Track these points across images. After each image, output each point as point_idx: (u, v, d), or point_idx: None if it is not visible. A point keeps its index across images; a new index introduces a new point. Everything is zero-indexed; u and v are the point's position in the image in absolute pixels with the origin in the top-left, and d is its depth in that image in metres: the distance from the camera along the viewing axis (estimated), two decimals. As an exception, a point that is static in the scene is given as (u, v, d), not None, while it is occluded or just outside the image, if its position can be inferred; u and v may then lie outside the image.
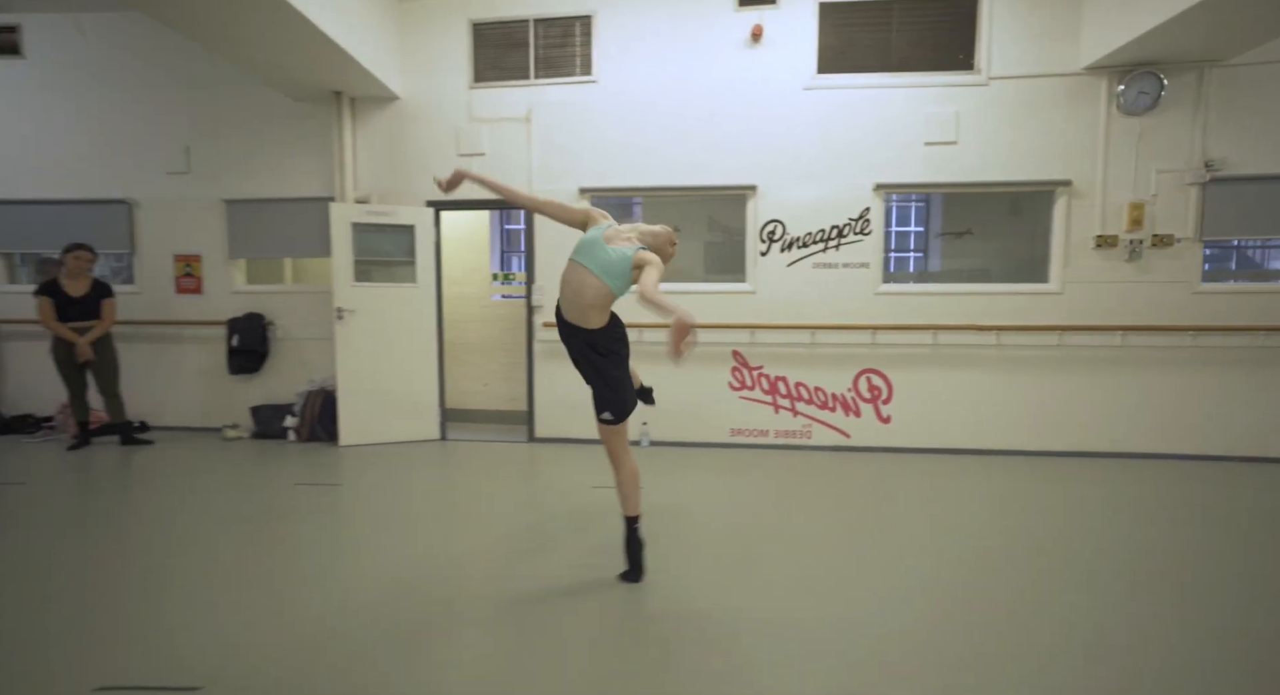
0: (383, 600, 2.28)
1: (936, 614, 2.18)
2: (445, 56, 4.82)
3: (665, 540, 2.82)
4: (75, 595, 2.32)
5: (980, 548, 2.78)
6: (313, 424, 4.95)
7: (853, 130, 4.53)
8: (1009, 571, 2.54)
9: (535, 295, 4.88)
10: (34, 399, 5.44)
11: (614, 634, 2.10)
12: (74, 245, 4.66)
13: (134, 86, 5.16)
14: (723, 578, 2.53)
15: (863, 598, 2.32)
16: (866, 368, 4.69)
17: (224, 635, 2.02)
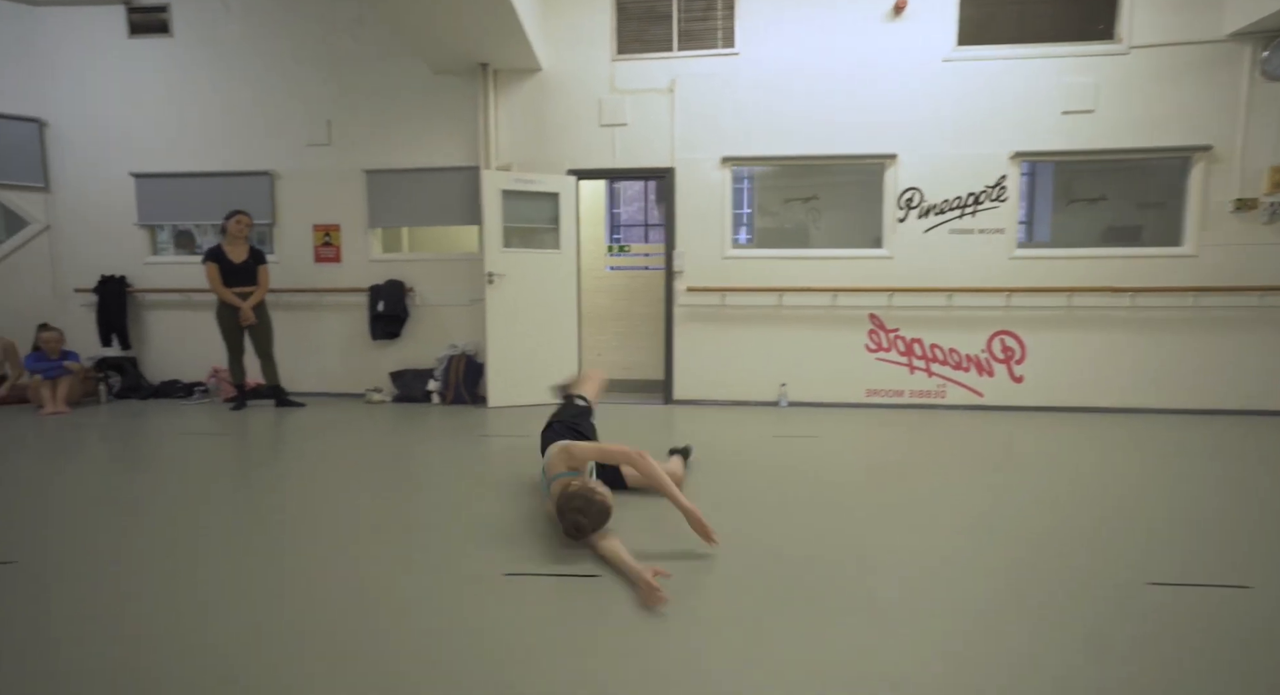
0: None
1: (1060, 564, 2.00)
2: (589, 29, 4.98)
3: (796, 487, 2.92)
4: (368, 514, 2.50)
5: (1111, 502, 2.65)
6: (456, 387, 5.12)
7: (990, 100, 4.69)
8: (1138, 524, 2.36)
9: (676, 261, 5.05)
10: (175, 365, 5.63)
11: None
12: (235, 211, 4.83)
13: (277, 62, 5.33)
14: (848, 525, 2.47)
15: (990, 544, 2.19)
16: (1000, 329, 4.85)
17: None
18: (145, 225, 5.61)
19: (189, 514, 2.44)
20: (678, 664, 1.44)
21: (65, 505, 2.54)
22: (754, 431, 4.05)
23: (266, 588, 1.81)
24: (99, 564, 1.96)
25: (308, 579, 1.86)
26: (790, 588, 1.82)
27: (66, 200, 5.58)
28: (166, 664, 1.43)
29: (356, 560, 2.00)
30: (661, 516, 2.36)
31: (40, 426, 4.25)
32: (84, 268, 5.60)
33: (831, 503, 2.60)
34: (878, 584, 1.84)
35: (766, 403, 5.07)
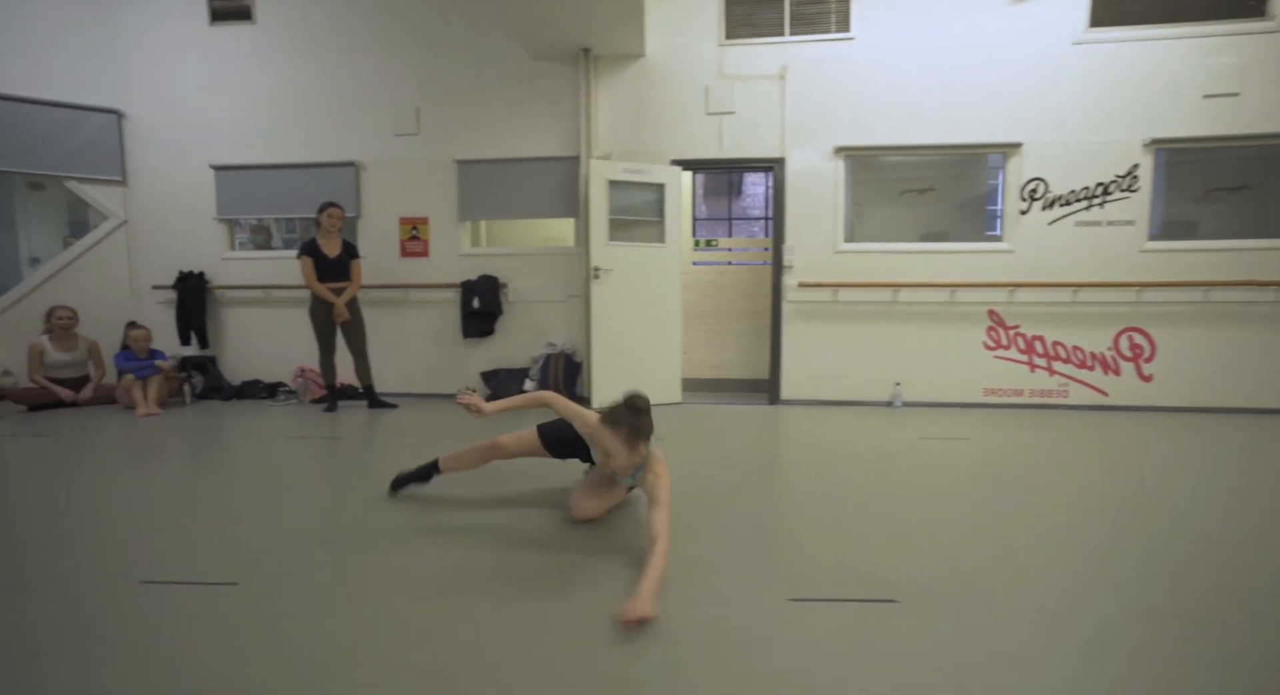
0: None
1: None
2: (695, 12, 4.77)
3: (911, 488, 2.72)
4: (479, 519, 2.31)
5: (1247, 508, 2.46)
6: (556, 388, 4.93)
7: (1123, 85, 4.46)
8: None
9: (786, 256, 4.84)
10: (253, 365, 5.45)
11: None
12: (328, 203, 4.64)
13: (363, 49, 5.13)
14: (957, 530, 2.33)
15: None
16: (1128, 326, 4.64)
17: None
18: (224, 219, 5.42)
19: (353, 523, 2.25)
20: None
21: (240, 518, 2.35)
22: (893, 433, 3.85)
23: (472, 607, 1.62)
24: (314, 584, 1.77)
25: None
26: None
27: (144, 194, 5.41)
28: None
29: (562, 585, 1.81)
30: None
31: (139, 429, 4.07)
32: (161, 264, 5.42)
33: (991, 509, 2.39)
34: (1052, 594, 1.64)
35: (879, 403, 4.87)
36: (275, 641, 1.45)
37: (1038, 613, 1.59)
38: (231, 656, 1.38)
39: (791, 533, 2.21)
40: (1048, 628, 1.51)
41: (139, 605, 1.62)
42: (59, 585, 1.75)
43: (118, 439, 3.80)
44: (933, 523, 2.25)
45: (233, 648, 1.42)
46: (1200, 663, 1.36)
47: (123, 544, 2.07)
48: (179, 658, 1.38)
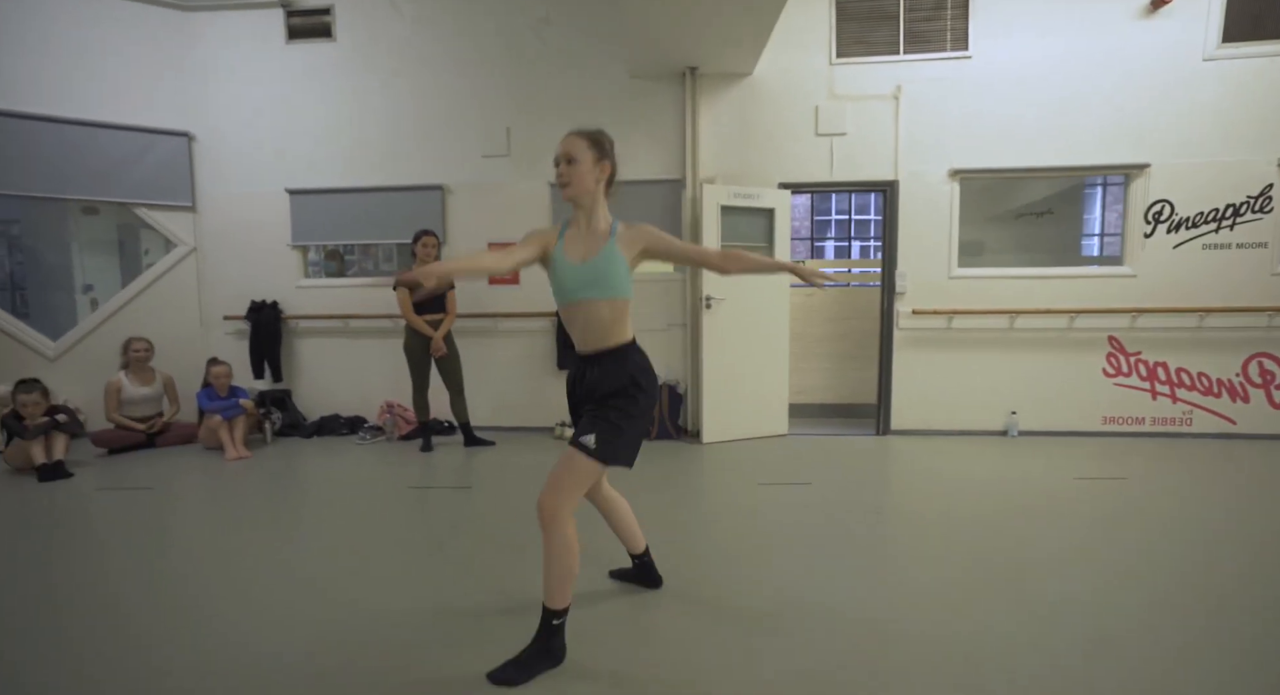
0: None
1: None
2: (804, 30, 4.58)
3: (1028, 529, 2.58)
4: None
5: None
6: (661, 422, 4.72)
7: (1257, 102, 4.32)
8: None
9: (898, 282, 4.66)
10: (329, 399, 5.21)
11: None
12: (422, 231, 4.41)
13: (450, 67, 4.90)
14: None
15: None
16: (1259, 352, 4.49)
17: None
18: (299, 246, 5.17)
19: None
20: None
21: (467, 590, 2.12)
22: (1034, 468, 3.67)
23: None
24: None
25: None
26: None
27: (214, 220, 5.15)
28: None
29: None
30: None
31: (239, 473, 3.84)
32: (231, 293, 5.17)
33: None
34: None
35: (994, 432, 4.70)
36: None
37: None
38: None
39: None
40: None
41: None
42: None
43: (228, 488, 3.56)
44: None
45: None
46: None
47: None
48: None
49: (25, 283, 5.88)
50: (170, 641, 1.88)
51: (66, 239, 5.65)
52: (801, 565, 2.42)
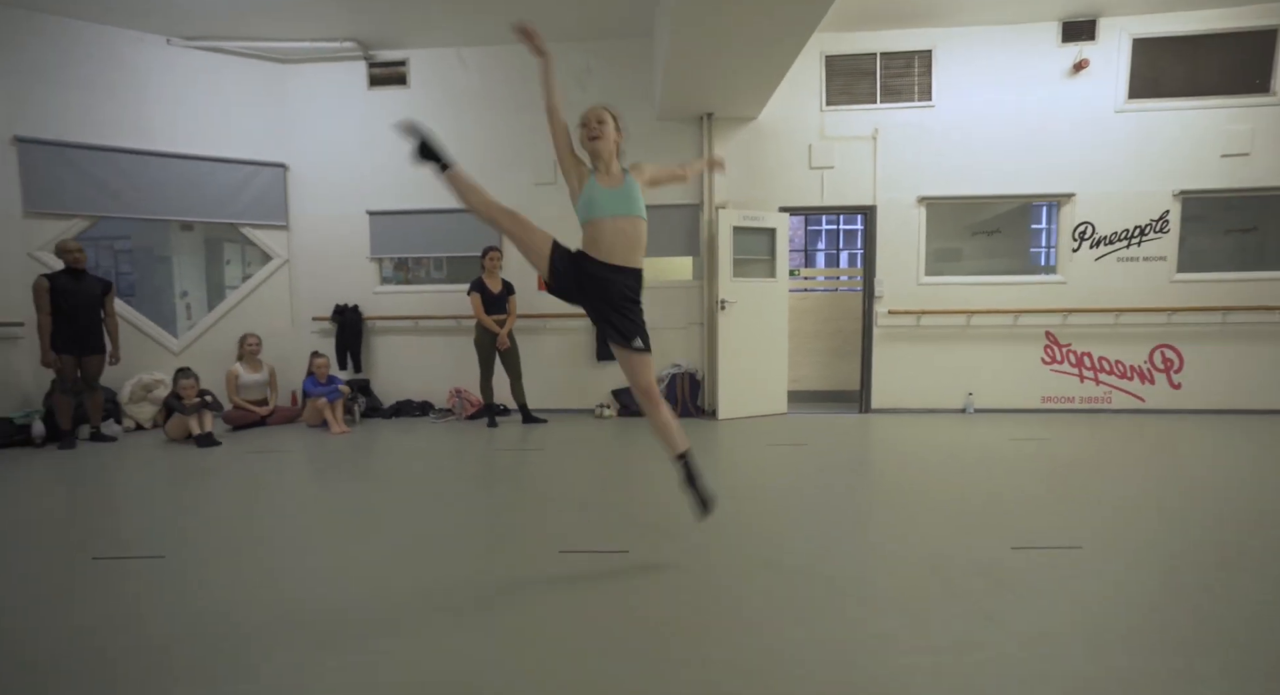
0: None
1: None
2: (800, 83, 5.62)
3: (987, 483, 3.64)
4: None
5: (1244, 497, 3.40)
6: (684, 402, 5.75)
7: (1157, 145, 5.44)
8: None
9: (877, 288, 5.72)
10: (401, 387, 6.17)
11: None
12: (489, 247, 5.41)
13: (507, 110, 5.90)
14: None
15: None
16: (1161, 343, 5.60)
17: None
18: (375, 258, 6.14)
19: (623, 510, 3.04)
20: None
21: (582, 504, 3.12)
22: (982, 435, 4.74)
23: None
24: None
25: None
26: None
27: (304, 236, 6.10)
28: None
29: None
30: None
31: (346, 444, 4.79)
32: (318, 298, 6.12)
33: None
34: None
35: (954, 410, 5.78)
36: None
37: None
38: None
39: (964, 503, 3.06)
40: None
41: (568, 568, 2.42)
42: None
43: (341, 452, 4.53)
44: (1055, 496, 3.13)
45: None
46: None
47: (540, 524, 2.85)
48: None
49: (134, 289, 6.77)
50: (309, 566, 2.88)
51: (168, 253, 6.57)
52: (799, 498, 3.45)
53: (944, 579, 2.23)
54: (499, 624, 1.97)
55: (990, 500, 3.17)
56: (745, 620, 1.98)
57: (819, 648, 1.79)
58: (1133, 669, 1.66)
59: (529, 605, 2.10)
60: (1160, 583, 2.24)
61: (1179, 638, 1.82)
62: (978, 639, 1.82)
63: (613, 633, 1.91)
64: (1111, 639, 1.82)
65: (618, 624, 1.96)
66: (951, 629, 1.88)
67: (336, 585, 2.27)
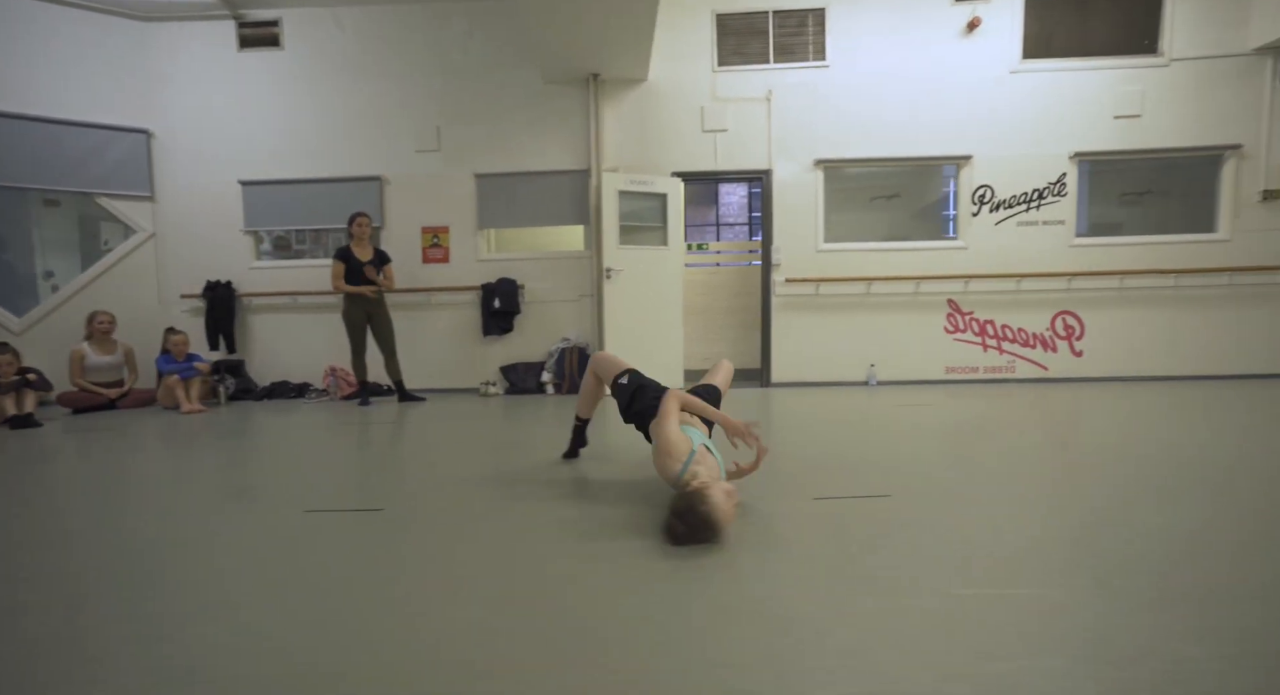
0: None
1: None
2: (692, 43, 5.41)
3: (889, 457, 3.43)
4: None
5: (1151, 459, 3.12)
6: (572, 378, 5.45)
7: (1052, 106, 5.31)
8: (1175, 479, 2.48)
9: (774, 255, 5.50)
10: (280, 367, 5.79)
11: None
12: (357, 213, 5.06)
13: (387, 74, 5.59)
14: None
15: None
16: (1062, 310, 5.46)
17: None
18: (250, 231, 5.76)
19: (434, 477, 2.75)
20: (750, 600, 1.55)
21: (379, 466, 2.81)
22: (871, 404, 4.53)
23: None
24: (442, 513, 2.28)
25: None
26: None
27: (172, 209, 5.71)
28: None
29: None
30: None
31: (191, 424, 4.40)
32: (189, 273, 5.72)
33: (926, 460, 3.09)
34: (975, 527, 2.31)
35: (857, 382, 5.57)
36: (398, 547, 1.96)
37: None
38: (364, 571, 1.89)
39: (811, 464, 2.81)
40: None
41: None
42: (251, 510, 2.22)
43: (179, 432, 4.15)
44: (911, 452, 2.89)
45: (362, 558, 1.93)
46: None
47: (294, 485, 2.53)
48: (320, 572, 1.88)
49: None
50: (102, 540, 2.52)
51: (28, 227, 6.10)
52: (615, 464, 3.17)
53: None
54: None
55: (823, 458, 2.92)
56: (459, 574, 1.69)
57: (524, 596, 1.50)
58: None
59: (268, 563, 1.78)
60: (940, 520, 2.00)
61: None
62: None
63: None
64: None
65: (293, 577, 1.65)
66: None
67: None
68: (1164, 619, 1.33)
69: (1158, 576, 1.54)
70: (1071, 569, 1.60)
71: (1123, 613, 1.36)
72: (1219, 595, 1.43)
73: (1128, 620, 1.32)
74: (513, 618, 1.40)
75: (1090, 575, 1.55)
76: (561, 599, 1.49)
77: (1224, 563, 1.62)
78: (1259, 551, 1.69)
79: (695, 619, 1.37)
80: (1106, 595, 1.44)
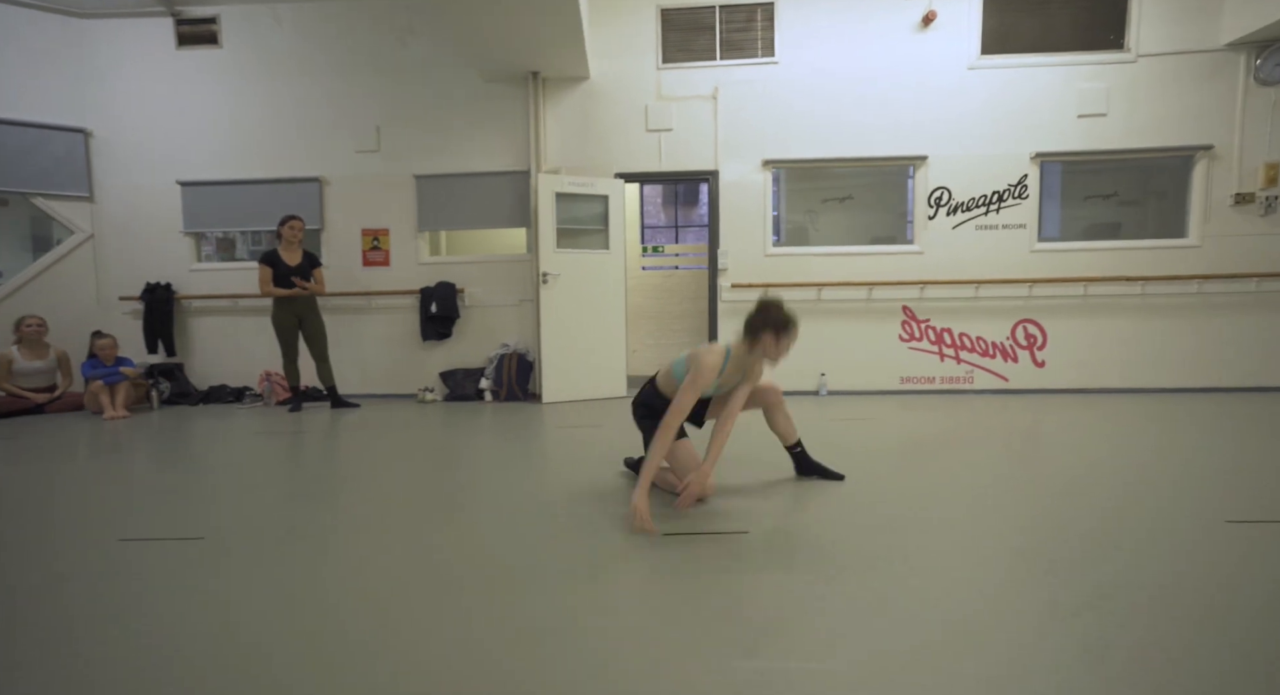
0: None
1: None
2: (635, 39, 5.22)
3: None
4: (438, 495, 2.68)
5: (1114, 477, 2.83)
6: (510, 385, 5.29)
7: (1012, 104, 5.05)
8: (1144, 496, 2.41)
9: (720, 259, 5.30)
10: (221, 371, 5.69)
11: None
12: (289, 216, 4.93)
13: (326, 72, 5.46)
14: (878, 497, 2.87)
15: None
16: (1023, 318, 5.20)
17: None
18: (190, 233, 5.66)
19: (299, 503, 2.59)
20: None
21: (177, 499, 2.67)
22: (812, 416, 4.31)
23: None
24: (245, 543, 2.12)
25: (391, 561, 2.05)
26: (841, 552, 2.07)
27: (110, 209, 5.62)
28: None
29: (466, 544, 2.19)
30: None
31: (109, 430, 4.30)
32: (128, 276, 5.63)
33: (877, 476, 2.87)
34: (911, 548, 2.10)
35: (807, 392, 5.35)
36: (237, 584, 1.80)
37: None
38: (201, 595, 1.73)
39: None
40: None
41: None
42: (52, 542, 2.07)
43: (93, 437, 4.04)
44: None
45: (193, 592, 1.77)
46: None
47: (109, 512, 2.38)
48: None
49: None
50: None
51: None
52: (570, 466, 3.00)
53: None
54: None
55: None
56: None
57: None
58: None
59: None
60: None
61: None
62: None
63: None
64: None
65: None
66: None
67: None
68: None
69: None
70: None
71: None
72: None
73: None
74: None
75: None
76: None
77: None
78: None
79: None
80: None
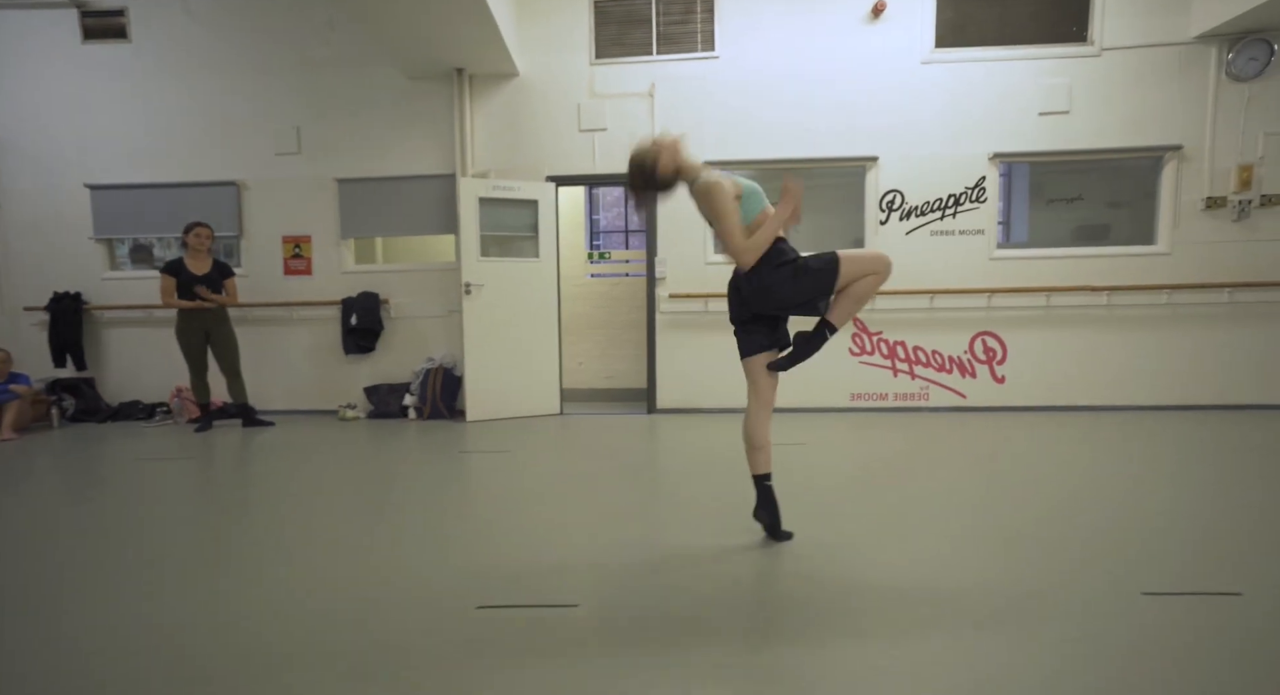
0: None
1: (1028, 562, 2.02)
2: (566, 33, 4.89)
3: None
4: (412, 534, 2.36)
5: (1092, 502, 2.63)
6: (433, 401, 4.96)
7: (969, 102, 4.71)
8: (1117, 524, 2.34)
9: (658, 269, 4.97)
10: (136, 386, 5.37)
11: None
12: (194, 223, 4.62)
13: (242, 69, 5.13)
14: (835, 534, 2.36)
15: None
16: (982, 330, 4.87)
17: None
18: (102, 239, 5.34)
19: (148, 544, 2.27)
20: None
21: (16, 538, 2.35)
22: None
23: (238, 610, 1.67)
24: (59, 596, 1.79)
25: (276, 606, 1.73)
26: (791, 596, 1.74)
27: (15, 214, 5.30)
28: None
29: (332, 587, 1.87)
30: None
31: (-11, 454, 3.99)
32: (34, 285, 5.31)
33: (827, 508, 2.54)
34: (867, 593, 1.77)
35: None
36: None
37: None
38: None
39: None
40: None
41: None
42: None
43: (-45, 466, 3.72)
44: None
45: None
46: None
47: None
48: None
49: None
50: None
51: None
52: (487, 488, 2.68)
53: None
54: None
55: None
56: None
57: None
58: None
59: None
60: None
61: None
62: None
63: None
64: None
65: None
66: None
67: None
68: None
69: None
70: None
71: None
72: None
73: None
74: None
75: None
76: None
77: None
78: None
79: None
80: None
